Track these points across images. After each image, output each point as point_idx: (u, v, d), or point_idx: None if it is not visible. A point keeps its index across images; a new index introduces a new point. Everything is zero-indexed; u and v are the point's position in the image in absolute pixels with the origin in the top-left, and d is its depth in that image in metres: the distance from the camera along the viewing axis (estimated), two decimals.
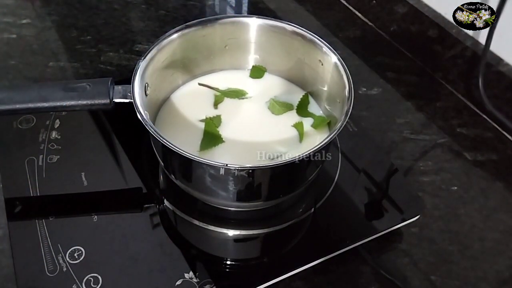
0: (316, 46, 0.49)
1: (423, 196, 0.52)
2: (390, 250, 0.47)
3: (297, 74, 0.54)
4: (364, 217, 0.48)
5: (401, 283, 0.45)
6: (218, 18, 0.51)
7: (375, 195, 0.50)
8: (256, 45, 0.54)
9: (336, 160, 0.53)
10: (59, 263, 0.42)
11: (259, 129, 0.50)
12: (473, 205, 0.52)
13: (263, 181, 0.43)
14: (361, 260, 0.46)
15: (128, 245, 0.44)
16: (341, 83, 0.46)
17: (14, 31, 0.68)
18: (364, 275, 0.45)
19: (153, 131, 0.39)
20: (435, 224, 0.50)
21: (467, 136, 0.59)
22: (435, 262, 0.46)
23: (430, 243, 0.48)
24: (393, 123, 0.60)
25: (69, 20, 0.72)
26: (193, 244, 0.46)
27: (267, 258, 0.45)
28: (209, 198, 0.46)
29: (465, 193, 0.53)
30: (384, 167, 0.53)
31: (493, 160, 0.57)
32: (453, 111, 0.63)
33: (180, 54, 0.50)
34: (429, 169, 0.55)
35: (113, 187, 0.49)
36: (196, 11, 0.76)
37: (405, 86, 0.66)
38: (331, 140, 0.41)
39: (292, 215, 0.48)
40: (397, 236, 0.48)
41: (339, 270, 0.45)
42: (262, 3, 0.79)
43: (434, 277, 0.45)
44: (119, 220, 0.47)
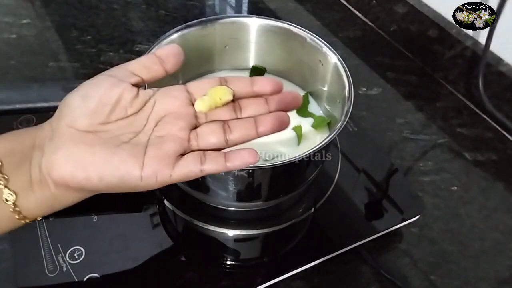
0: (316, 46, 0.49)
1: (423, 196, 0.52)
2: (390, 250, 0.47)
3: (297, 74, 0.54)
4: (364, 217, 0.48)
5: (401, 283, 0.45)
6: (218, 18, 0.51)
7: (375, 195, 0.50)
8: (256, 45, 0.54)
9: (336, 160, 0.53)
10: (59, 263, 0.42)
11: None
12: (473, 205, 0.52)
13: (263, 181, 0.43)
14: (361, 260, 0.46)
15: (128, 245, 0.44)
16: (341, 83, 0.46)
17: (14, 31, 0.68)
18: (364, 275, 0.45)
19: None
20: (435, 224, 0.50)
21: (467, 136, 0.59)
22: (435, 262, 0.46)
23: (430, 243, 0.48)
24: (393, 123, 0.60)
25: (69, 20, 0.72)
26: (193, 244, 0.46)
27: (267, 258, 0.45)
28: (209, 198, 0.46)
29: (465, 193, 0.53)
30: (384, 167, 0.53)
31: (493, 160, 0.57)
32: (453, 111, 0.63)
33: None
34: (429, 169, 0.55)
35: None
36: (196, 11, 0.76)
37: (405, 86, 0.66)
38: (331, 140, 0.40)
39: (292, 215, 0.48)
40: (397, 236, 0.48)
41: (339, 270, 0.45)
42: (262, 3, 0.79)
43: (434, 277, 0.45)
44: (119, 220, 0.47)
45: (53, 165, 0.29)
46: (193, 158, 0.30)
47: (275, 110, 0.33)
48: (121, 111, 0.31)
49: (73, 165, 0.29)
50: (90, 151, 0.29)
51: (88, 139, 0.30)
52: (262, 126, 0.32)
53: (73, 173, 0.29)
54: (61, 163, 0.29)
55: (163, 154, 0.30)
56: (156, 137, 0.31)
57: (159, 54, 0.33)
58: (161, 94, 0.33)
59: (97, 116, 0.30)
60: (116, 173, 0.29)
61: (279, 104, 0.33)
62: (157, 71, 0.33)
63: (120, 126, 0.31)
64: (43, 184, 0.30)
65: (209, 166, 0.30)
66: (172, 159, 0.30)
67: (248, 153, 0.31)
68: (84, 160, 0.29)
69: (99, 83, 0.31)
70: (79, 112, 0.30)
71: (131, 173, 0.29)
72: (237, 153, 0.31)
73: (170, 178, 0.30)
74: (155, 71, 0.33)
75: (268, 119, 0.32)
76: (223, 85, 0.33)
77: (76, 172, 0.29)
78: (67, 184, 0.30)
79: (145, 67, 0.32)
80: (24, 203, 0.30)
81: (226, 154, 0.31)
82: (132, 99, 0.31)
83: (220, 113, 0.33)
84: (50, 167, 0.29)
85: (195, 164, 0.30)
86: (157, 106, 0.32)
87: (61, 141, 0.29)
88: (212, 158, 0.31)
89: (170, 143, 0.30)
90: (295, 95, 0.33)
